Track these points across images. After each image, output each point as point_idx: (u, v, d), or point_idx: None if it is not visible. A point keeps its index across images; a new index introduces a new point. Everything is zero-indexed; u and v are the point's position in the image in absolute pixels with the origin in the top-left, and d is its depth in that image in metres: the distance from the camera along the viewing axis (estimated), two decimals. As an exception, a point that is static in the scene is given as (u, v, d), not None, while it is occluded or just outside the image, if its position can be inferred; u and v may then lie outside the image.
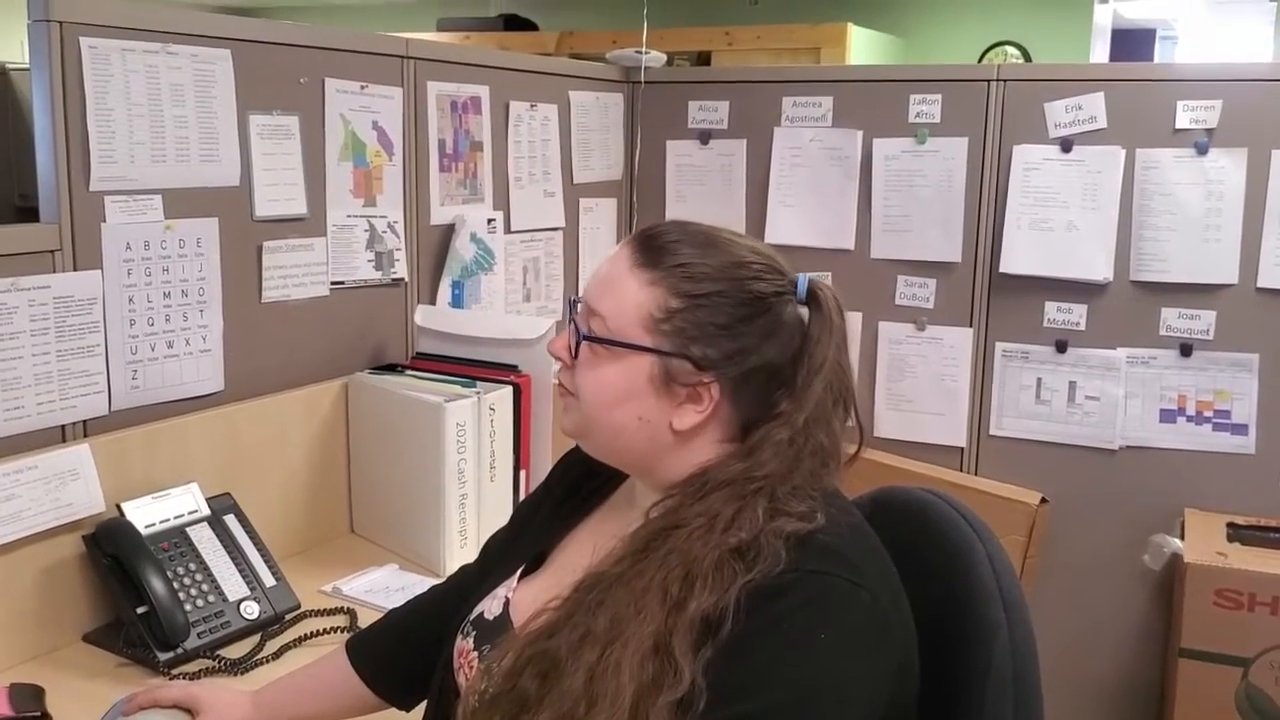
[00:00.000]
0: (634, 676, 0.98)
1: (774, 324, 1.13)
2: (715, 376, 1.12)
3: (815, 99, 2.82)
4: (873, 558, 1.10)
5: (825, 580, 1.02)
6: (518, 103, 2.60)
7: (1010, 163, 2.67)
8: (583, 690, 1.01)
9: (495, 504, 2.11)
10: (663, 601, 1.01)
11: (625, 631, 1.01)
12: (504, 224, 2.58)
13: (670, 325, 1.11)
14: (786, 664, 0.99)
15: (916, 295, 2.79)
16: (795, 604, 1.00)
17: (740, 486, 1.08)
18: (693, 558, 1.03)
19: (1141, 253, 2.59)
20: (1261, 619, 2.30)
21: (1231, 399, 2.56)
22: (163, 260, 1.87)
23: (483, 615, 1.24)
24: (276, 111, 2.04)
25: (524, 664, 1.06)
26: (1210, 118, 2.50)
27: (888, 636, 1.06)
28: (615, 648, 1.01)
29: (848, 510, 1.14)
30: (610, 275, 1.16)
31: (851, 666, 1.01)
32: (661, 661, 0.99)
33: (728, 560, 1.02)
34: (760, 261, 1.16)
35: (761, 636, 0.99)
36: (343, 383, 2.17)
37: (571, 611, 1.07)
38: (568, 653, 1.04)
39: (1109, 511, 2.67)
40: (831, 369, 1.13)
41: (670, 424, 1.13)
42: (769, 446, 1.10)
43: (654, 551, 1.06)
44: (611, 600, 1.04)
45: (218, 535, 1.83)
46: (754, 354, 1.12)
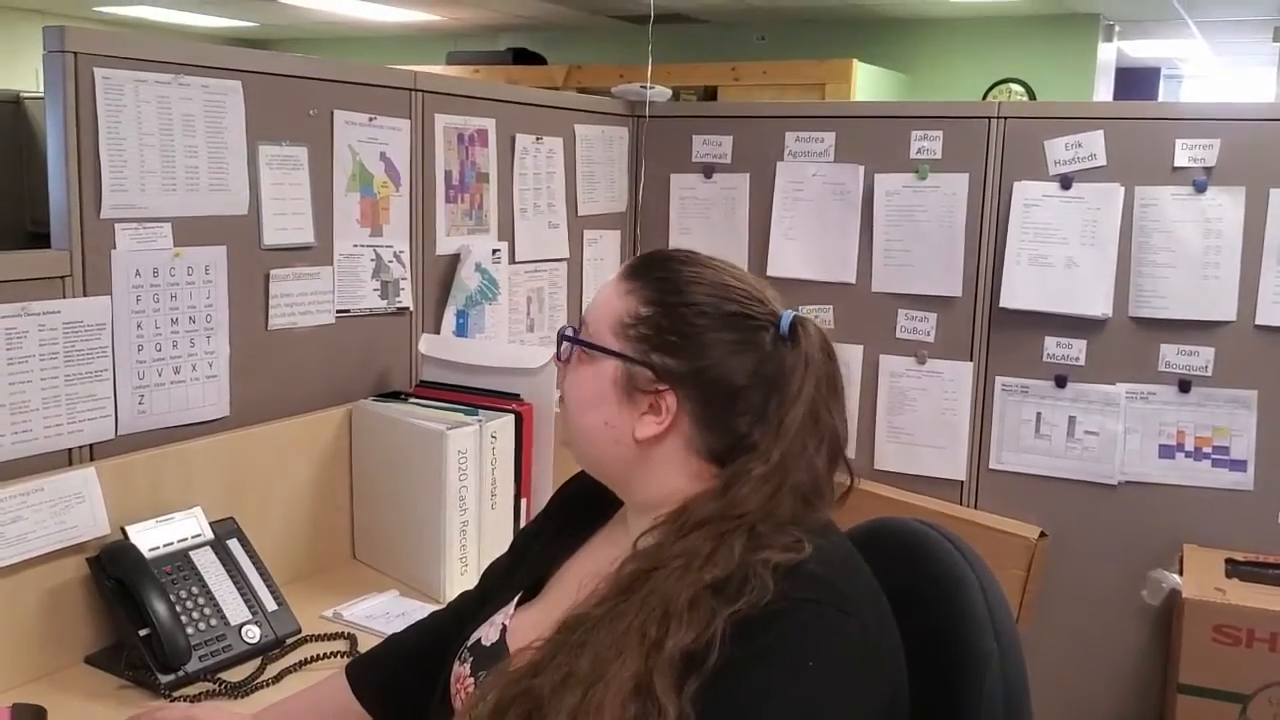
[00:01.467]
0: (615, 718, 0.99)
1: (741, 346, 1.15)
2: (671, 386, 1.14)
3: (817, 134, 2.85)
4: (863, 587, 1.11)
5: (814, 609, 1.03)
6: (524, 135, 2.63)
7: (1010, 199, 2.70)
8: None
9: (496, 531, 2.12)
10: (641, 642, 1.02)
11: (607, 673, 1.02)
12: (509, 254, 2.61)
13: (636, 332, 1.16)
14: (775, 692, 1.00)
15: (917, 329, 2.81)
16: (784, 632, 1.01)
17: (718, 525, 1.08)
18: (669, 597, 1.03)
19: (1140, 289, 2.61)
20: (1260, 655, 2.30)
21: (1230, 435, 2.58)
22: (171, 287, 1.90)
23: (480, 642, 1.26)
24: (285, 142, 2.08)
25: (508, 703, 1.07)
26: (1209, 156, 2.53)
27: (878, 665, 1.07)
28: (597, 689, 1.01)
29: (838, 542, 1.15)
30: (603, 287, 1.23)
31: (841, 694, 1.02)
32: (643, 702, 0.99)
33: (704, 597, 1.03)
34: (743, 289, 1.18)
35: (750, 665, 1.00)
36: (346, 410, 2.19)
37: (555, 651, 1.07)
38: (550, 693, 1.04)
39: (1108, 546, 2.68)
40: (809, 404, 1.13)
41: (633, 433, 1.16)
42: (746, 482, 1.11)
43: (635, 592, 1.07)
44: (593, 641, 1.05)
45: (220, 559, 1.84)
46: (714, 371, 1.14)
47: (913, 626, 1.23)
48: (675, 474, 1.16)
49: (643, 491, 1.19)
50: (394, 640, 1.50)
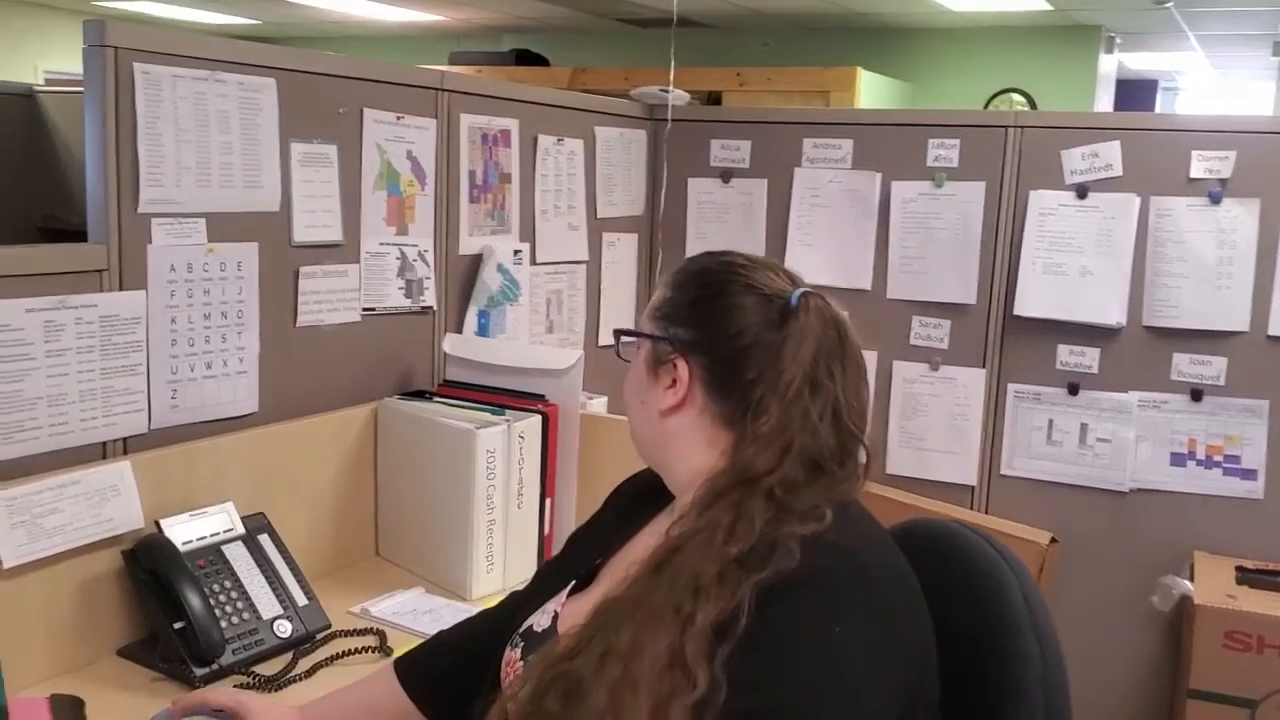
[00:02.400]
0: (651, 691, 1.03)
1: (744, 315, 1.21)
2: (682, 354, 1.23)
3: (835, 141, 2.88)
4: (888, 562, 1.15)
5: (838, 577, 1.07)
6: (545, 136, 2.65)
7: (1026, 208, 2.72)
8: (606, 706, 1.05)
9: (522, 531, 2.14)
10: (675, 617, 1.06)
11: (643, 648, 1.06)
12: (530, 256, 2.63)
13: (660, 313, 1.27)
14: (800, 656, 1.03)
15: (931, 335, 2.83)
16: (808, 599, 1.05)
17: (736, 493, 1.13)
18: (697, 572, 1.08)
19: (1154, 299, 2.64)
20: (1270, 661, 2.33)
21: (1241, 444, 2.61)
22: (204, 282, 1.91)
23: (531, 628, 1.29)
24: (317, 140, 2.09)
25: (546, 686, 1.10)
26: (1224, 168, 2.56)
27: (900, 636, 1.09)
28: (634, 664, 1.05)
29: (863, 517, 1.18)
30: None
31: (864, 661, 1.05)
32: (677, 672, 1.03)
33: (730, 569, 1.07)
34: (756, 266, 1.25)
35: (776, 630, 1.04)
36: (372, 408, 2.20)
37: (592, 634, 1.11)
38: (589, 672, 1.08)
39: (1118, 552, 2.71)
40: (807, 370, 1.18)
41: (658, 407, 1.24)
42: (752, 444, 1.17)
43: (665, 571, 1.11)
44: (629, 620, 1.09)
45: (252, 554, 1.86)
46: (718, 337, 1.22)
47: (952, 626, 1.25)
48: (699, 446, 1.23)
49: (680, 471, 1.25)
50: (444, 637, 1.52)
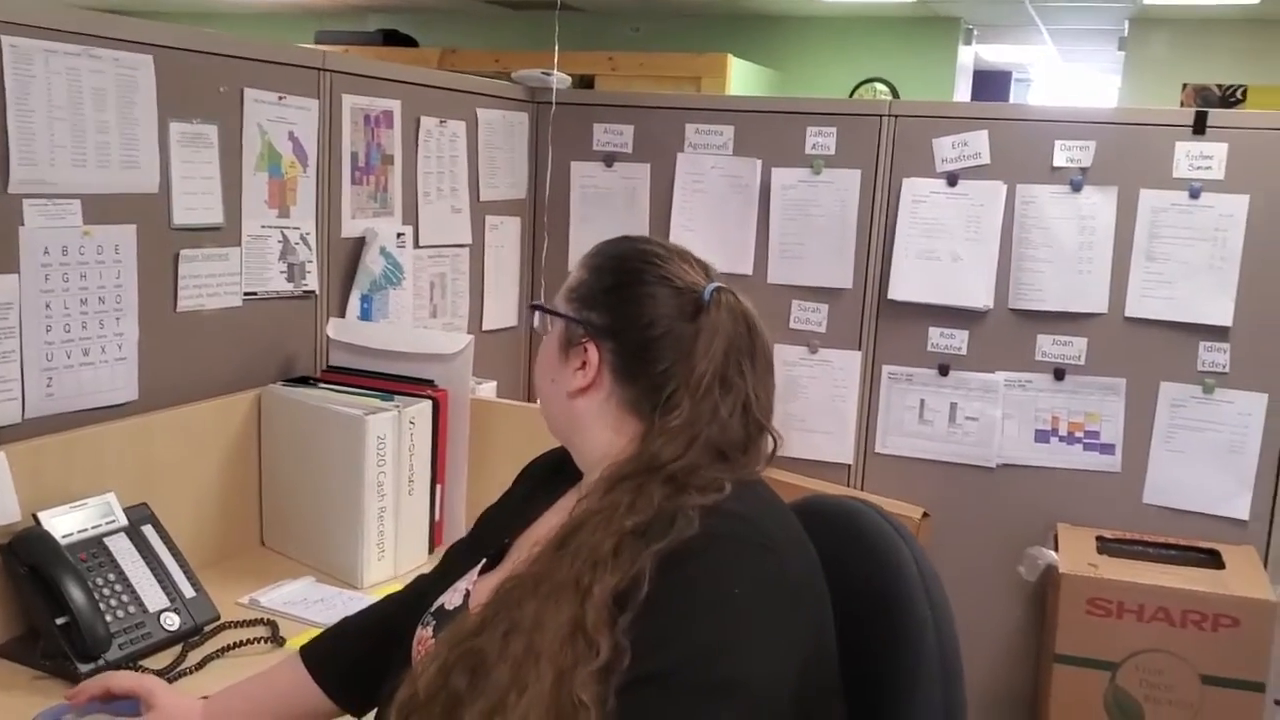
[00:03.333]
0: (554, 661, 1.05)
1: (657, 306, 1.22)
2: (593, 338, 1.24)
3: (717, 127, 2.92)
4: (785, 527, 1.18)
5: (737, 544, 1.11)
6: (428, 118, 2.62)
7: (900, 195, 2.81)
8: (510, 680, 1.07)
9: (413, 518, 2.12)
10: (575, 590, 1.08)
11: (545, 622, 1.08)
12: (413, 239, 2.60)
13: (576, 294, 1.28)
14: (700, 619, 1.06)
15: (810, 319, 2.90)
16: (707, 565, 1.08)
17: (638, 478, 1.16)
18: (596, 546, 1.10)
19: (1020, 282, 2.76)
20: (1129, 625, 2.47)
21: (1100, 420, 2.74)
22: (80, 266, 1.84)
23: (443, 606, 1.29)
24: (196, 120, 2.03)
25: (453, 664, 1.11)
26: (1085, 157, 2.68)
27: (799, 599, 1.13)
28: (537, 636, 1.08)
29: (764, 491, 1.22)
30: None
31: (763, 624, 1.08)
32: (579, 642, 1.06)
33: (627, 541, 1.10)
34: (672, 257, 1.27)
35: (675, 596, 1.06)
36: (255, 394, 2.16)
37: (496, 611, 1.13)
38: (494, 649, 1.09)
39: (986, 525, 2.83)
40: (718, 367, 1.20)
41: (568, 389, 1.25)
42: (660, 436, 1.19)
43: (566, 547, 1.13)
44: (532, 596, 1.11)
45: (136, 546, 1.80)
46: (630, 326, 1.23)
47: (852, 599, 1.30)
48: (606, 429, 1.25)
49: (586, 452, 1.27)
50: (350, 622, 1.49)
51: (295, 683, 1.42)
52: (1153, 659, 2.46)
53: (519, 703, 1.05)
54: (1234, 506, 2.65)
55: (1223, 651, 2.41)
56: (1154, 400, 2.70)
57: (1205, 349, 2.64)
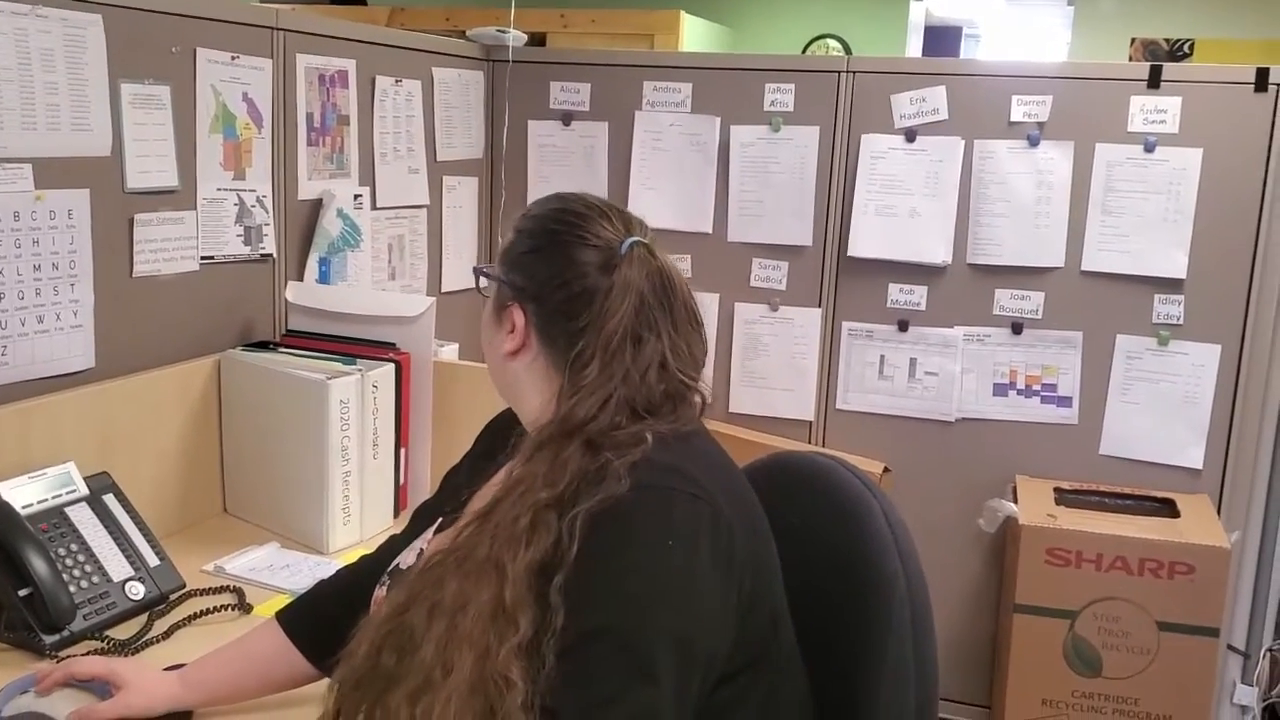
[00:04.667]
0: (475, 643, 1.06)
1: (575, 266, 1.21)
2: (518, 300, 1.24)
3: (675, 85, 2.90)
4: (717, 475, 1.18)
5: (667, 494, 1.10)
6: (383, 78, 2.58)
7: (859, 151, 2.81)
8: (435, 659, 1.07)
9: (378, 482, 2.11)
10: (495, 570, 1.09)
11: (467, 601, 1.08)
12: (370, 200, 2.57)
13: (506, 257, 1.29)
14: (632, 573, 1.06)
15: (770, 277, 2.91)
16: (640, 518, 1.08)
17: (555, 444, 1.15)
18: (512, 522, 1.11)
19: (978, 238, 2.78)
20: (1087, 574, 2.51)
21: (1058, 373, 2.78)
22: (33, 232, 1.80)
23: (398, 565, 1.30)
24: (148, 80, 1.98)
25: (381, 641, 1.12)
26: (1041, 112, 2.70)
27: (732, 543, 1.12)
28: (459, 617, 1.08)
29: (701, 440, 1.22)
30: None
31: (697, 571, 1.08)
32: (500, 621, 1.06)
33: (543, 515, 1.10)
34: (592, 215, 1.25)
35: (607, 551, 1.07)
36: (214, 360, 2.13)
37: (422, 586, 1.13)
38: (421, 625, 1.10)
39: (946, 479, 2.86)
40: (629, 323, 1.19)
41: (501, 350, 1.26)
42: (573, 395, 1.18)
43: (487, 524, 1.13)
44: (455, 573, 1.11)
45: (98, 515, 1.78)
46: (547, 285, 1.22)
47: (824, 553, 1.31)
48: (537, 390, 1.25)
49: (525, 413, 1.28)
50: (325, 585, 1.49)
51: (273, 648, 1.41)
52: (1110, 607, 2.51)
53: (445, 682, 1.05)
54: (1188, 456, 2.70)
55: (1179, 598, 2.46)
56: (1110, 353, 2.73)
57: (1160, 301, 2.68)
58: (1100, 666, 2.54)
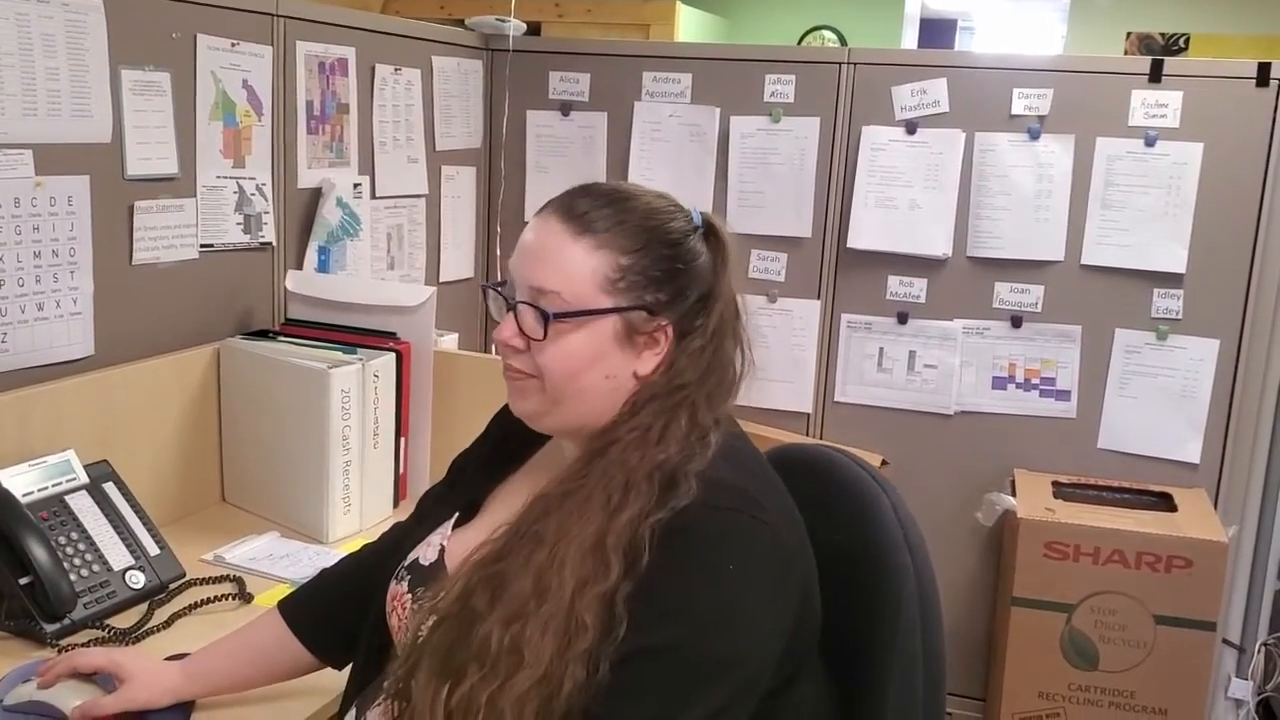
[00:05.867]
0: (574, 571, 1.06)
1: (694, 257, 1.21)
2: (668, 317, 1.18)
3: (674, 75, 2.89)
4: (773, 494, 1.18)
5: (730, 517, 1.10)
6: (383, 66, 2.57)
7: (859, 143, 2.81)
8: (531, 589, 1.07)
9: (378, 472, 2.10)
10: (604, 506, 1.09)
11: (569, 532, 1.09)
12: (369, 189, 2.56)
13: (625, 282, 1.16)
14: (695, 595, 1.06)
15: (769, 269, 2.90)
16: (701, 539, 1.08)
17: (665, 399, 1.16)
18: (629, 467, 1.11)
19: (978, 230, 2.78)
20: (1085, 568, 2.52)
21: (1056, 367, 2.78)
22: (33, 218, 1.79)
23: (417, 561, 1.27)
24: (149, 67, 1.97)
25: (474, 586, 1.11)
26: (1042, 105, 2.70)
27: (789, 568, 1.14)
28: (560, 546, 1.08)
29: (751, 450, 1.23)
30: (548, 251, 1.17)
31: (757, 597, 1.09)
32: (598, 557, 1.06)
33: (655, 473, 1.10)
34: (665, 204, 1.24)
35: (672, 570, 1.06)
36: (214, 348, 2.11)
37: (520, 530, 1.13)
38: (517, 564, 1.10)
39: (945, 472, 2.86)
40: (730, 288, 1.22)
41: (634, 373, 1.19)
42: (684, 356, 1.18)
43: (595, 466, 1.13)
44: (558, 512, 1.11)
45: (98, 503, 1.76)
46: (691, 288, 1.20)
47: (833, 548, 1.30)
48: (611, 395, 1.20)
49: (581, 418, 1.21)
50: (328, 576, 1.48)
51: (275, 638, 1.40)
52: (1108, 600, 2.52)
53: (540, 609, 1.05)
54: (1185, 450, 2.71)
55: (1176, 592, 2.47)
56: (1109, 347, 2.74)
57: (1159, 296, 2.68)
58: (1097, 660, 2.54)
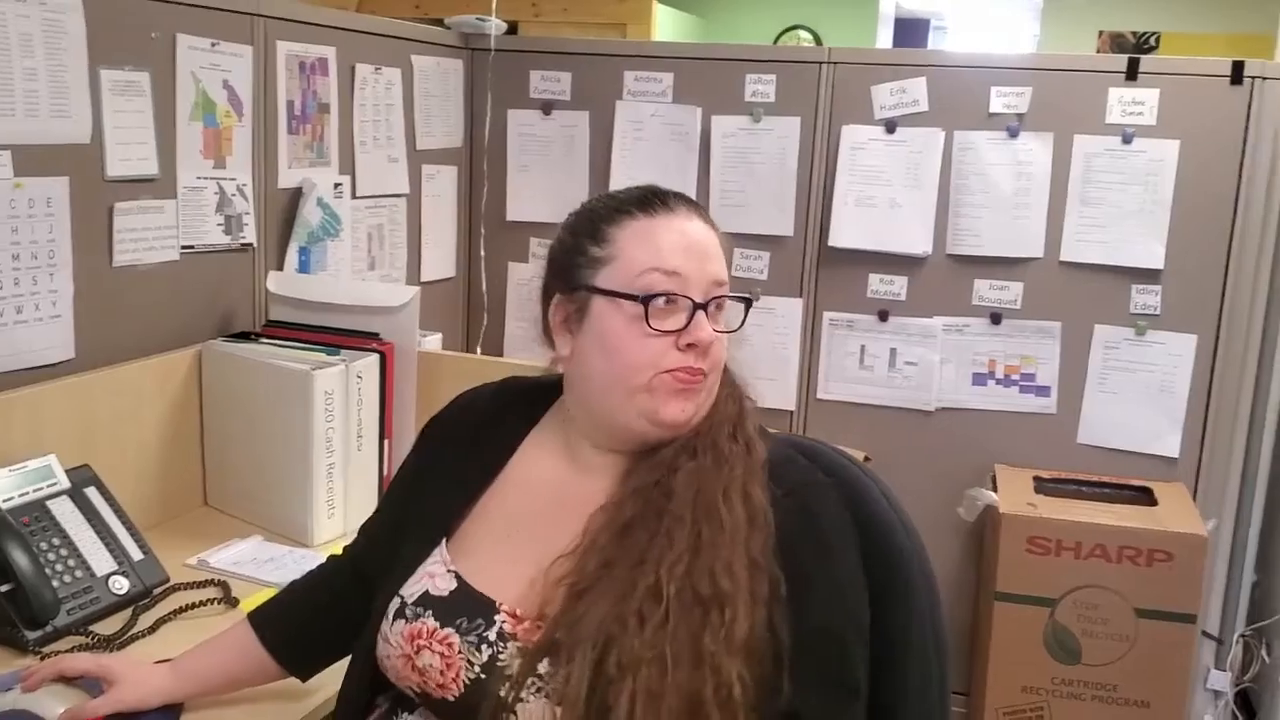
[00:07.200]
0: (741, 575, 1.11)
1: None
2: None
3: (656, 75, 2.89)
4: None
5: (828, 488, 1.20)
6: (363, 65, 2.56)
7: (839, 142, 2.81)
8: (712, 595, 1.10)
9: (362, 474, 2.09)
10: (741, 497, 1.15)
11: (718, 538, 1.12)
12: (350, 189, 2.54)
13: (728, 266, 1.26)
14: (843, 573, 1.17)
15: (752, 267, 2.90)
16: (824, 506, 1.19)
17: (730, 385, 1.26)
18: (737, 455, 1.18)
19: (958, 228, 2.79)
20: (1067, 562, 2.53)
21: (1036, 363, 2.80)
22: (11, 220, 1.77)
23: (428, 594, 1.20)
24: (128, 67, 1.95)
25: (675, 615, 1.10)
26: (1021, 103, 2.71)
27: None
28: (706, 554, 1.11)
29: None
30: (714, 245, 1.24)
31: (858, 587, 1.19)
32: (753, 567, 1.11)
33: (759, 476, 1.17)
34: None
35: (822, 552, 1.16)
36: (195, 351, 2.10)
37: (672, 529, 1.14)
38: (700, 572, 1.11)
39: (926, 468, 2.87)
40: None
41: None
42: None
43: (702, 457, 1.18)
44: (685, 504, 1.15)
45: (80, 508, 1.75)
46: None
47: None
48: None
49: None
50: (297, 590, 1.45)
51: (245, 647, 1.39)
52: (1090, 594, 2.53)
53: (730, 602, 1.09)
54: (1165, 445, 2.73)
55: (1157, 585, 2.49)
56: (1088, 342, 2.76)
57: (1137, 292, 2.70)
58: (1080, 653, 2.56)
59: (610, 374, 1.18)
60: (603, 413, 1.21)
